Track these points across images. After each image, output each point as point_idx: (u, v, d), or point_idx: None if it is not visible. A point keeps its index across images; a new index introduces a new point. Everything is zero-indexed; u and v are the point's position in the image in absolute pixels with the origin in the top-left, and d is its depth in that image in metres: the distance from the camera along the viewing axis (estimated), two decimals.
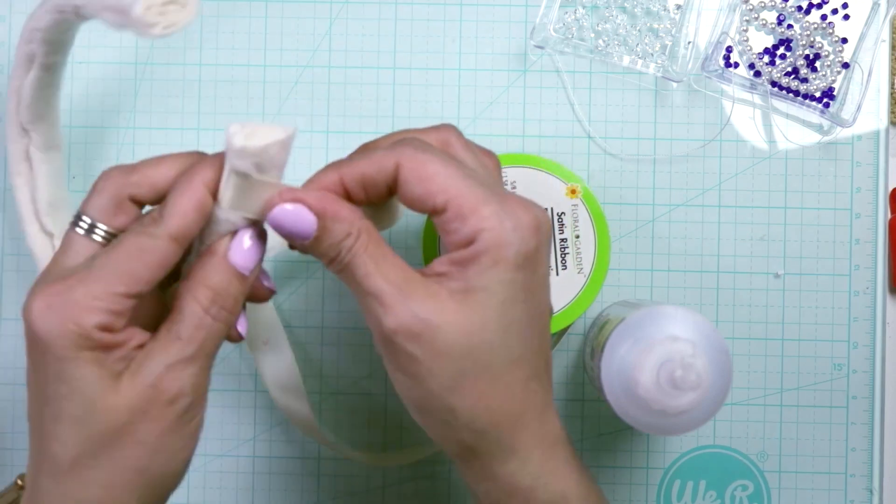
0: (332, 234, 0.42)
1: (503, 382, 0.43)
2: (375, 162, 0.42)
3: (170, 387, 0.41)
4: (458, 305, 0.41)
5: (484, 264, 0.41)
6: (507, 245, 0.41)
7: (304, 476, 0.66)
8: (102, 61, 0.67)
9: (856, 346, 0.65)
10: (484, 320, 0.42)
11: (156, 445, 0.41)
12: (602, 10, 0.65)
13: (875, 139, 0.65)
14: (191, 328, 0.41)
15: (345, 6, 0.66)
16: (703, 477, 0.66)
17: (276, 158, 0.41)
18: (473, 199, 0.41)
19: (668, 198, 0.66)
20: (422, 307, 0.41)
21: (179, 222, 0.41)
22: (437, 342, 0.41)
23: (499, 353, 0.42)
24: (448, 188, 0.41)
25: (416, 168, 0.42)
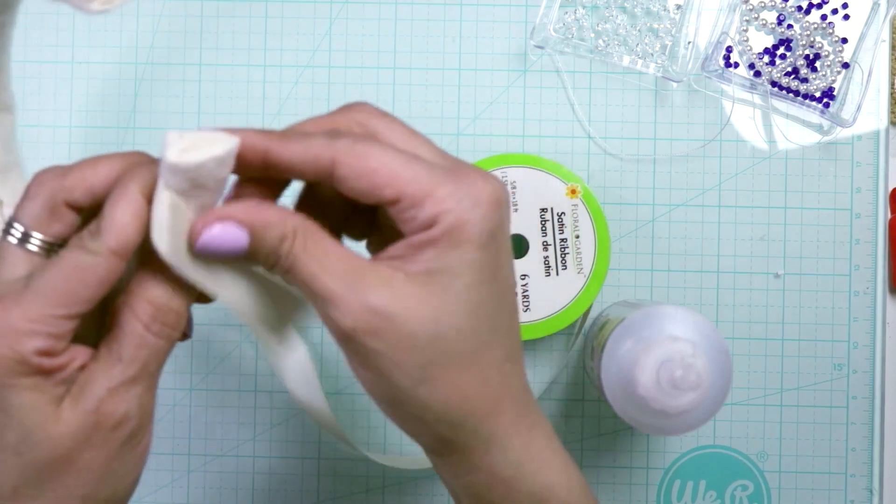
0: (266, 243, 0.39)
1: (476, 368, 0.40)
2: (309, 155, 0.39)
3: (113, 411, 0.39)
4: (419, 289, 0.39)
5: (445, 246, 0.39)
6: (468, 224, 0.39)
7: (304, 476, 0.66)
8: (102, 61, 0.67)
9: (856, 346, 0.65)
10: (449, 304, 0.39)
11: (101, 473, 0.39)
12: (602, 10, 0.65)
13: (875, 139, 0.65)
14: (132, 348, 0.39)
15: (345, 6, 0.66)
16: (703, 477, 0.66)
17: (212, 175, 0.38)
18: (425, 183, 0.39)
19: (668, 198, 0.66)
20: (377, 297, 0.38)
21: (117, 235, 0.38)
22: (399, 333, 0.38)
23: (468, 338, 0.40)
24: (395, 179, 0.39)
25: (356, 163, 0.39)
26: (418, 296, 0.39)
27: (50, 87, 0.67)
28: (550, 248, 0.62)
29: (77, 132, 0.67)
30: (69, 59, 0.67)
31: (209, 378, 0.66)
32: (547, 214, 0.62)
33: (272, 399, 0.66)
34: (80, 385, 0.39)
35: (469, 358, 0.40)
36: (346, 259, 0.39)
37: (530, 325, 0.63)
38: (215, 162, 0.38)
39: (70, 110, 0.67)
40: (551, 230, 0.62)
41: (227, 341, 0.66)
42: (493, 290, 0.40)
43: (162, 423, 0.66)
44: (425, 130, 0.66)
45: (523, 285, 0.63)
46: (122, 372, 0.39)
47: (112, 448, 0.39)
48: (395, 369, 0.39)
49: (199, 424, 0.66)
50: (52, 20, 0.67)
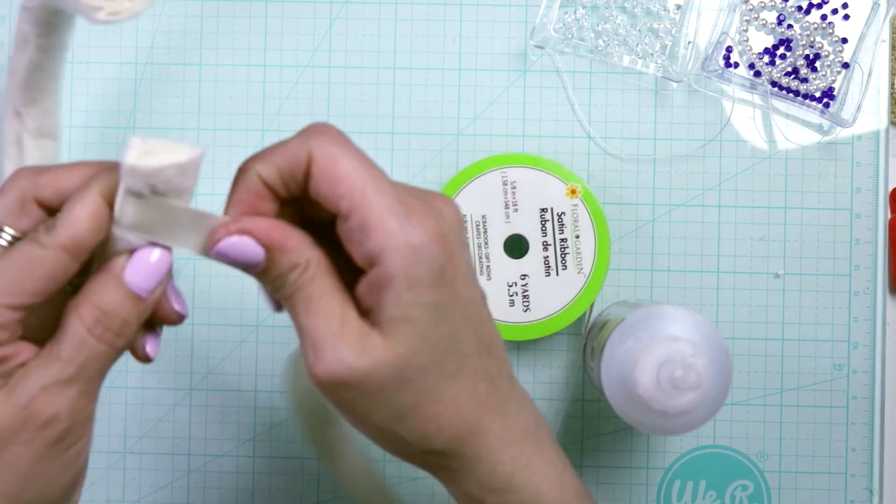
0: (279, 266, 0.39)
1: (447, 399, 0.41)
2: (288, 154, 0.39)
3: (43, 409, 0.38)
4: (384, 340, 0.39)
5: (398, 289, 0.39)
6: (416, 265, 0.39)
7: (304, 476, 0.66)
8: (102, 61, 0.67)
9: (856, 347, 0.65)
10: (411, 350, 0.39)
11: (27, 472, 0.39)
12: (602, 10, 0.65)
13: (875, 139, 0.65)
14: (71, 348, 0.38)
15: (345, 6, 0.66)
16: (703, 477, 0.66)
17: (173, 182, 0.38)
18: (379, 209, 0.38)
19: (668, 198, 0.66)
20: (351, 355, 0.39)
21: (70, 232, 0.38)
22: (367, 386, 0.39)
23: (434, 375, 0.40)
24: (354, 193, 0.38)
25: (326, 165, 0.39)
26: (384, 348, 0.39)
27: None
28: (550, 248, 0.62)
29: (77, 132, 0.67)
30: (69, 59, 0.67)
31: (209, 378, 0.66)
32: (547, 214, 0.62)
33: (272, 399, 0.66)
34: (16, 379, 0.38)
35: (438, 392, 0.41)
36: (342, 307, 0.39)
37: (530, 325, 0.63)
38: (175, 169, 0.37)
39: (70, 110, 0.67)
40: (551, 230, 0.62)
41: (228, 341, 0.66)
42: (451, 323, 0.40)
43: (162, 423, 0.66)
44: (425, 130, 0.66)
45: (523, 285, 0.63)
46: (58, 371, 0.38)
47: (39, 447, 0.38)
48: (368, 413, 0.40)
49: (199, 424, 0.66)
50: None
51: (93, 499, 0.67)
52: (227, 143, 0.66)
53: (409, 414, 0.40)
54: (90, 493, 0.67)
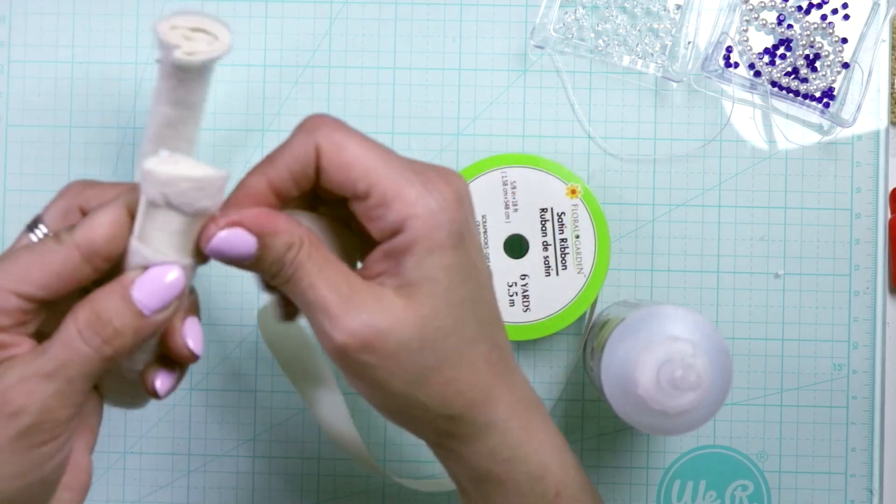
0: (274, 250, 0.39)
1: (466, 363, 0.42)
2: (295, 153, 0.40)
3: (14, 399, 0.38)
4: (405, 301, 0.40)
5: (420, 253, 0.40)
6: (438, 228, 0.40)
7: (304, 476, 0.66)
8: (102, 61, 0.67)
9: (856, 347, 0.65)
10: (433, 310, 0.40)
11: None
12: (602, 10, 0.65)
13: (875, 139, 0.65)
14: (58, 345, 0.38)
15: (345, 6, 0.66)
16: (703, 477, 0.66)
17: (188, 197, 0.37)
18: (396, 182, 0.39)
19: (668, 198, 0.66)
20: (370, 314, 0.39)
21: (85, 233, 0.38)
22: (390, 346, 0.40)
23: (455, 337, 0.41)
24: (369, 173, 0.39)
25: (334, 153, 0.40)
26: (405, 307, 0.40)
27: (50, 87, 0.67)
28: (550, 248, 0.62)
29: (77, 132, 0.67)
30: (69, 59, 0.67)
31: (209, 378, 0.66)
32: (547, 214, 0.62)
33: (272, 399, 0.66)
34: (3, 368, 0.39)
35: (458, 355, 0.41)
36: (345, 273, 0.40)
37: (530, 325, 0.63)
38: (189, 183, 0.37)
39: (70, 110, 0.67)
40: (551, 230, 0.62)
41: (228, 341, 0.66)
42: (470, 287, 0.42)
43: (162, 423, 0.66)
44: (425, 130, 0.66)
45: (523, 285, 0.63)
46: (39, 365, 0.38)
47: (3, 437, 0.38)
48: (389, 379, 0.40)
49: (199, 424, 0.66)
50: (52, 20, 0.67)
51: (93, 499, 0.67)
52: (227, 143, 0.66)
53: (430, 377, 0.41)
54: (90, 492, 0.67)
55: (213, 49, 0.41)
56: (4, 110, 0.67)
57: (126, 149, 0.67)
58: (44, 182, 0.67)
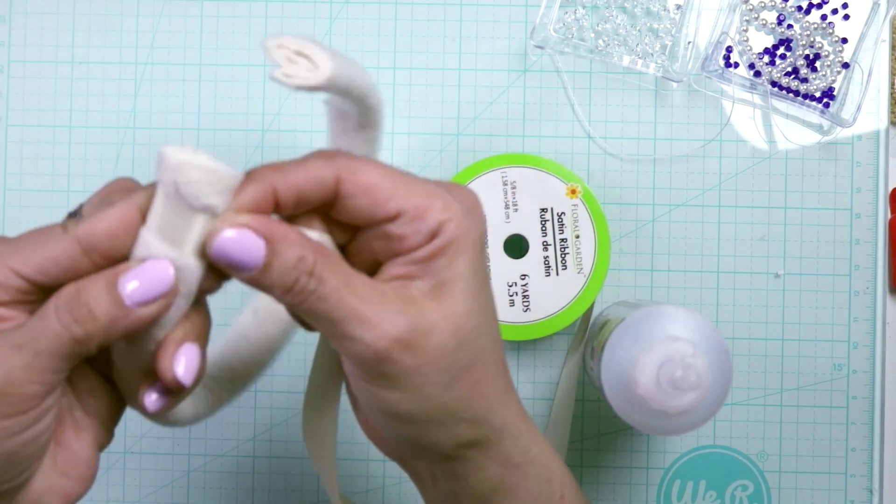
0: (284, 260, 0.38)
1: (491, 364, 0.42)
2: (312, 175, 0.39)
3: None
4: (438, 303, 0.40)
5: (451, 255, 0.40)
6: (468, 231, 0.40)
7: (304, 476, 0.66)
8: (102, 61, 0.67)
9: (856, 347, 0.65)
10: (467, 309, 0.40)
11: None
12: (602, 10, 0.65)
13: (875, 139, 0.65)
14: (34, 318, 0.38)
15: (345, 6, 0.66)
16: (703, 477, 0.66)
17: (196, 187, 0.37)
18: (424, 195, 0.40)
19: (668, 198, 0.66)
20: (405, 316, 0.39)
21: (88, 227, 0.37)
22: (430, 346, 0.39)
23: (485, 338, 0.41)
24: (396, 193, 0.39)
25: (357, 179, 0.39)
26: (439, 307, 0.40)
27: (50, 87, 0.67)
28: (550, 248, 0.62)
29: (78, 132, 0.67)
30: (69, 59, 0.67)
31: None
32: (547, 214, 0.62)
33: (272, 399, 0.66)
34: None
35: (485, 357, 0.42)
36: (368, 281, 0.40)
37: (530, 325, 0.63)
38: (200, 172, 0.37)
39: (70, 110, 0.67)
40: (551, 230, 0.62)
41: None
42: (489, 290, 0.42)
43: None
44: (425, 130, 0.66)
45: (523, 285, 0.63)
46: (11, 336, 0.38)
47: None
48: (425, 382, 0.40)
49: (199, 424, 0.66)
50: (52, 20, 0.67)
51: (93, 499, 0.67)
52: (227, 144, 0.66)
53: (461, 378, 0.41)
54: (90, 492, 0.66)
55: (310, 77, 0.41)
56: (4, 110, 0.67)
57: (126, 149, 0.67)
58: (44, 182, 0.67)
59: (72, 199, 0.67)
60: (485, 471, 0.44)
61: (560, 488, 0.45)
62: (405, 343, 0.39)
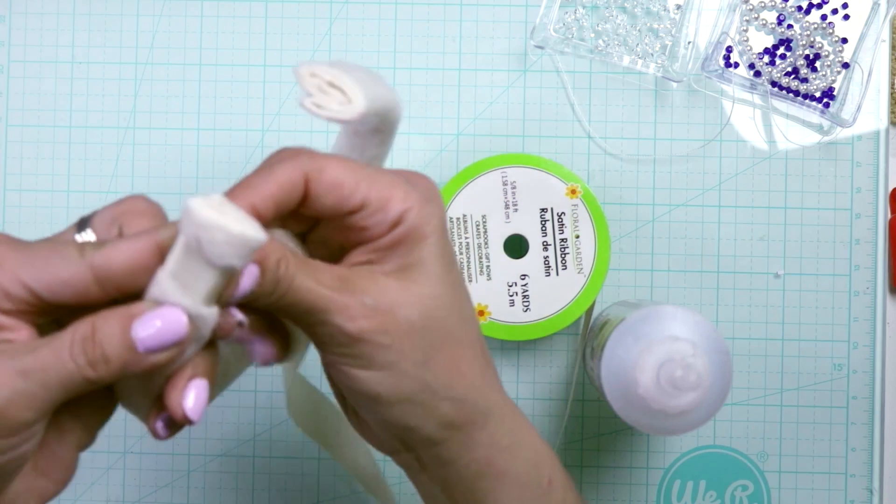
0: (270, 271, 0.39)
1: (466, 345, 0.43)
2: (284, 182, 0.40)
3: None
4: (402, 282, 0.41)
5: (413, 241, 0.41)
6: (429, 218, 0.41)
7: (304, 476, 0.66)
8: (102, 61, 0.67)
9: (856, 346, 0.65)
10: (430, 288, 0.42)
11: None
12: (602, 10, 0.65)
13: (875, 139, 0.65)
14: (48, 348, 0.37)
15: (345, 6, 0.66)
16: (703, 477, 0.66)
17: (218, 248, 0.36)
18: (385, 186, 0.41)
19: (668, 198, 0.66)
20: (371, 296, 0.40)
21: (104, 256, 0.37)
22: (398, 322, 0.41)
23: (454, 317, 0.42)
24: (359, 186, 0.40)
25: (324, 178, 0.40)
26: (404, 287, 0.41)
27: (50, 87, 0.67)
28: (550, 248, 0.62)
29: (77, 132, 0.67)
30: (69, 59, 0.67)
31: None
32: (547, 214, 0.62)
33: (272, 399, 0.66)
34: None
35: (458, 336, 0.43)
36: (330, 269, 0.41)
37: (530, 325, 0.63)
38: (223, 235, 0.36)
39: (70, 110, 0.67)
40: (551, 230, 0.62)
41: None
42: (456, 274, 0.43)
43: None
44: (425, 130, 0.66)
45: (523, 285, 0.63)
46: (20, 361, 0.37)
47: None
48: (401, 359, 0.41)
49: (199, 424, 0.66)
50: (52, 20, 0.67)
51: (93, 499, 0.67)
52: (227, 144, 0.66)
53: (436, 356, 0.42)
54: (90, 492, 0.67)
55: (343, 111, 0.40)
56: (4, 110, 0.67)
57: (126, 149, 0.67)
58: (44, 182, 0.67)
59: (72, 200, 0.67)
60: (471, 453, 0.44)
61: (549, 472, 0.46)
62: (375, 322, 0.40)
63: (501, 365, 0.66)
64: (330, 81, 0.41)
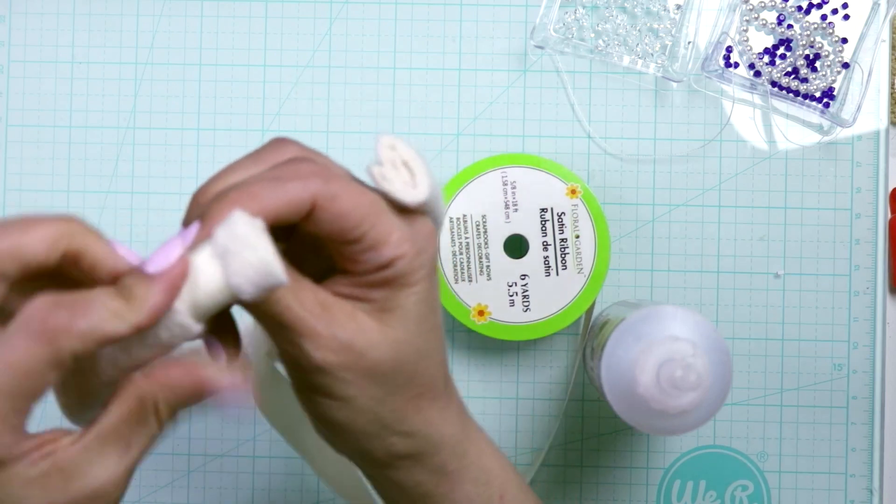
0: None
1: (429, 386, 0.43)
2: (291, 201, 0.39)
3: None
4: (379, 325, 0.41)
5: (396, 288, 0.41)
6: (417, 269, 0.41)
7: (304, 476, 0.66)
8: (102, 61, 0.67)
9: (856, 346, 0.65)
10: (406, 335, 0.42)
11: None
12: (602, 10, 0.65)
13: (875, 139, 0.65)
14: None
15: (345, 6, 0.66)
16: (703, 477, 0.66)
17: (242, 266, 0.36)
18: (385, 227, 0.40)
19: (668, 198, 0.66)
20: (345, 332, 0.40)
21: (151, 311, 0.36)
22: (366, 364, 0.41)
23: (423, 362, 0.43)
24: (363, 221, 0.40)
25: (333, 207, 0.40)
26: (380, 330, 0.41)
27: (50, 87, 0.67)
28: (550, 248, 0.62)
29: (77, 132, 0.67)
30: (69, 59, 0.67)
31: None
32: (547, 214, 0.62)
33: None
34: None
35: (423, 379, 0.43)
36: (315, 291, 0.40)
37: (530, 325, 0.63)
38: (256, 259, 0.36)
39: (70, 110, 0.67)
40: (551, 230, 0.62)
41: None
42: (434, 319, 0.43)
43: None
44: (425, 130, 0.66)
45: (523, 285, 0.63)
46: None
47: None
48: (359, 395, 0.41)
49: (199, 424, 0.66)
50: (52, 20, 0.67)
51: None
52: (227, 144, 0.66)
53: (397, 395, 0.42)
54: None
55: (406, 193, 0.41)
56: (4, 110, 0.67)
57: (126, 149, 0.67)
58: (44, 182, 0.67)
59: (72, 200, 0.67)
60: (417, 477, 0.45)
61: (500, 489, 0.46)
62: (341, 359, 0.40)
63: (501, 365, 0.66)
64: (405, 160, 0.41)
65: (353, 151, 0.66)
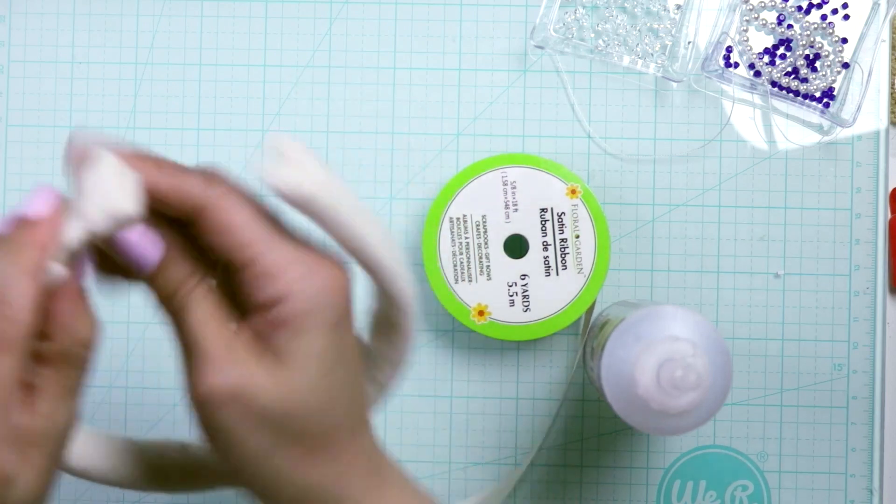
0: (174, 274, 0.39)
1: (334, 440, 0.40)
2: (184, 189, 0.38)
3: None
4: (269, 371, 0.38)
5: (294, 330, 0.38)
6: (316, 311, 0.38)
7: None
8: (102, 61, 0.67)
9: (856, 346, 0.65)
10: (300, 387, 0.39)
11: None
12: (602, 10, 0.65)
13: (875, 139, 0.65)
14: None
15: (345, 6, 0.66)
16: (703, 477, 0.66)
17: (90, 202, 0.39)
18: (283, 258, 0.38)
19: (668, 198, 0.66)
20: (236, 372, 0.38)
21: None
22: (250, 408, 0.38)
23: (319, 420, 0.40)
24: (255, 243, 0.38)
25: (218, 217, 0.38)
26: (269, 375, 0.38)
27: (50, 87, 0.67)
28: (550, 248, 0.63)
29: None
30: (69, 59, 0.67)
31: None
32: (547, 214, 0.62)
33: None
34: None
35: (324, 431, 0.40)
36: (222, 325, 0.39)
37: (530, 325, 0.63)
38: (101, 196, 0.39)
39: (70, 110, 0.67)
40: (551, 230, 0.62)
41: None
42: (338, 373, 0.40)
43: (162, 423, 0.66)
44: (425, 130, 0.67)
45: (523, 285, 0.63)
46: None
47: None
48: (242, 444, 0.39)
49: None
50: (52, 20, 0.67)
51: (93, 498, 0.67)
52: (227, 144, 0.66)
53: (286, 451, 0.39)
54: (91, 492, 0.67)
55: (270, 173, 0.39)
56: (4, 110, 0.67)
57: None
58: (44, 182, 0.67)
59: None
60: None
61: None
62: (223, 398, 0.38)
63: (501, 365, 0.66)
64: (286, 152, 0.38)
65: (353, 151, 0.66)
